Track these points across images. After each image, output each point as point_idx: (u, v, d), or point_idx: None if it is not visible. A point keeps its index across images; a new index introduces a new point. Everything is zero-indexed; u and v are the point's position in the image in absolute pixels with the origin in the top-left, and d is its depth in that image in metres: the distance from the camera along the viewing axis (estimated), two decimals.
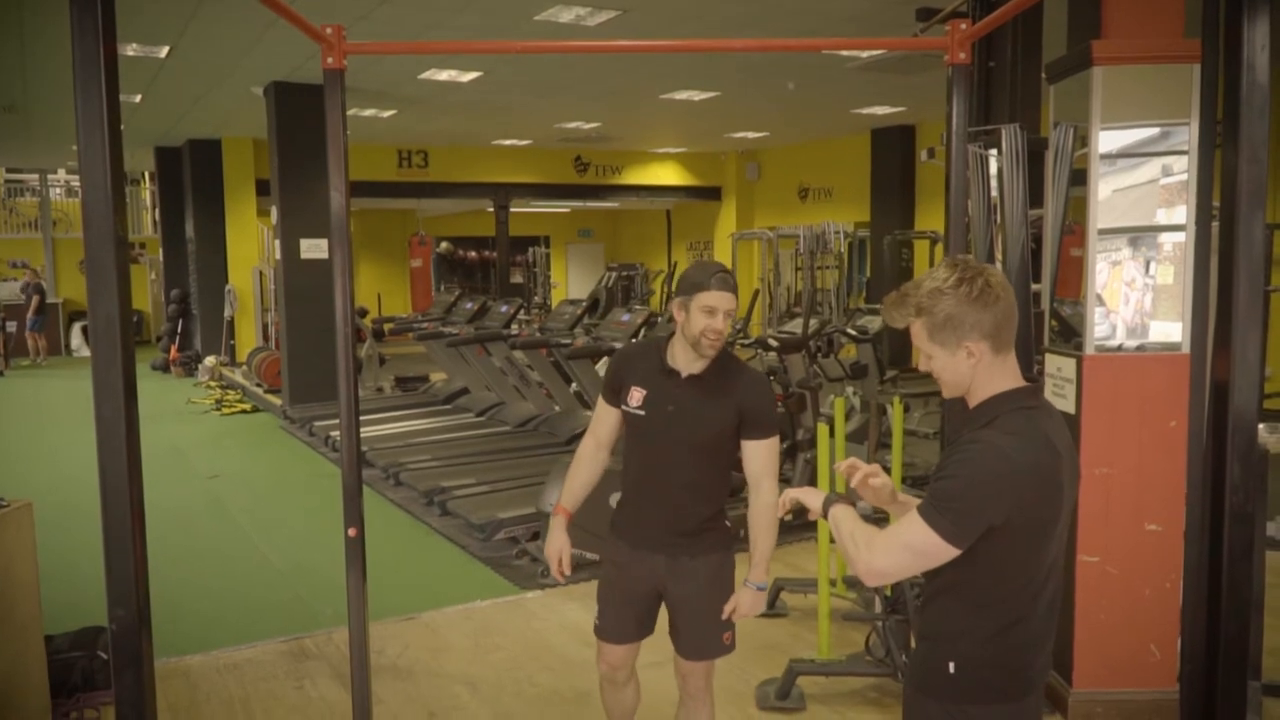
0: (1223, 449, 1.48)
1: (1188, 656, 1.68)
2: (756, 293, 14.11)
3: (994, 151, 4.29)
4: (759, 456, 2.75)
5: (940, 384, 1.92)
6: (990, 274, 1.83)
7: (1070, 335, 3.81)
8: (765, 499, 2.75)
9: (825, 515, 1.95)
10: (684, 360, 2.73)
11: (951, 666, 1.87)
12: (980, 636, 1.85)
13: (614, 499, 3.04)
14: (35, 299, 17.41)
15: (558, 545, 2.88)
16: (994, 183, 4.32)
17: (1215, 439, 1.51)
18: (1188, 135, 3.37)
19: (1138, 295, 3.55)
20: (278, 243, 11.61)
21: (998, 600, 1.83)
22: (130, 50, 8.91)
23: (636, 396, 2.75)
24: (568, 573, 2.87)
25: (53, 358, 18.44)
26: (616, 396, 2.83)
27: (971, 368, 1.84)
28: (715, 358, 2.71)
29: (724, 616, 2.80)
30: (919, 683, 1.93)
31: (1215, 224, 1.60)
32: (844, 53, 9.45)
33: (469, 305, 10.68)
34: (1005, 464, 1.73)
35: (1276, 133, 1.81)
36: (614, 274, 17.29)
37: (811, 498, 2.02)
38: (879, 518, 4.73)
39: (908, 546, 1.77)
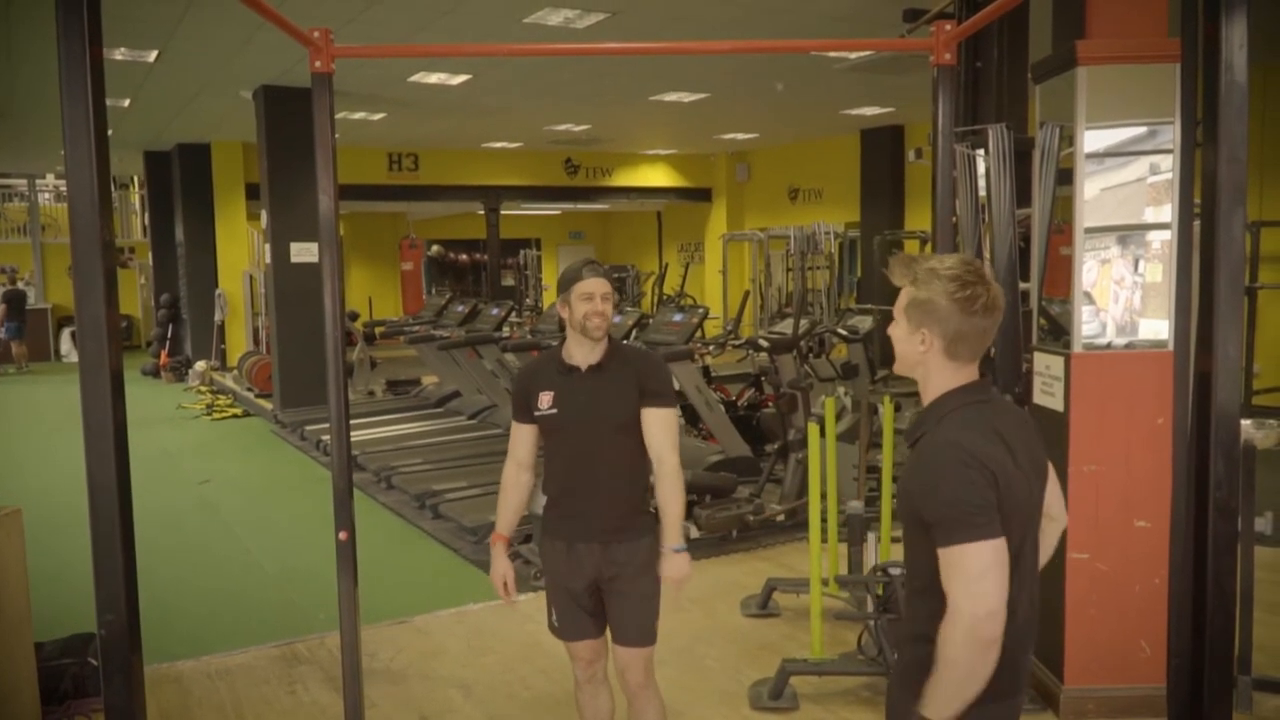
0: (1206, 444, 1.50)
1: (1174, 651, 1.69)
2: (747, 294, 14.13)
3: (981, 151, 4.31)
4: (657, 424, 2.84)
5: (897, 356, 1.96)
6: (991, 292, 1.84)
7: (1059, 334, 3.83)
8: (669, 469, 2.83)
9: (939, 716, 1.78)
10: (580, 355, 2.86)
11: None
12: None
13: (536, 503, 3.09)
14: (2, 307, 17.25)
15: (501, 570, 2.98)
16: (981, 182, 4.34)
17: (1198, 434, 1.52)
18: (1172, 134, 3.39)
19: (1127, 293, 3.57)
20: (268, 246, 11.58)
21: None
22: (118, 54, 8.89)
23: (545, 400, 2.86)
24: (514, 595, 2.99)
25: (41, 363, 18.37)
26: (528, 411, 2.92)
27: (920, 355, 1.87)
28: (609, 348, 2.87)
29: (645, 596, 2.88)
30: (909, 683, 1.87)
31: (1197, 222, 1.61)
32: (832, 54, 9.48)
33: (460, 308, 10.68)
34: (965, 454, 1.76)
35: (1257, 132, 1.83)
36: None
37: None
38: (870, 516, 4.74)
39: (979, 575, 1.70)
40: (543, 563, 3.06)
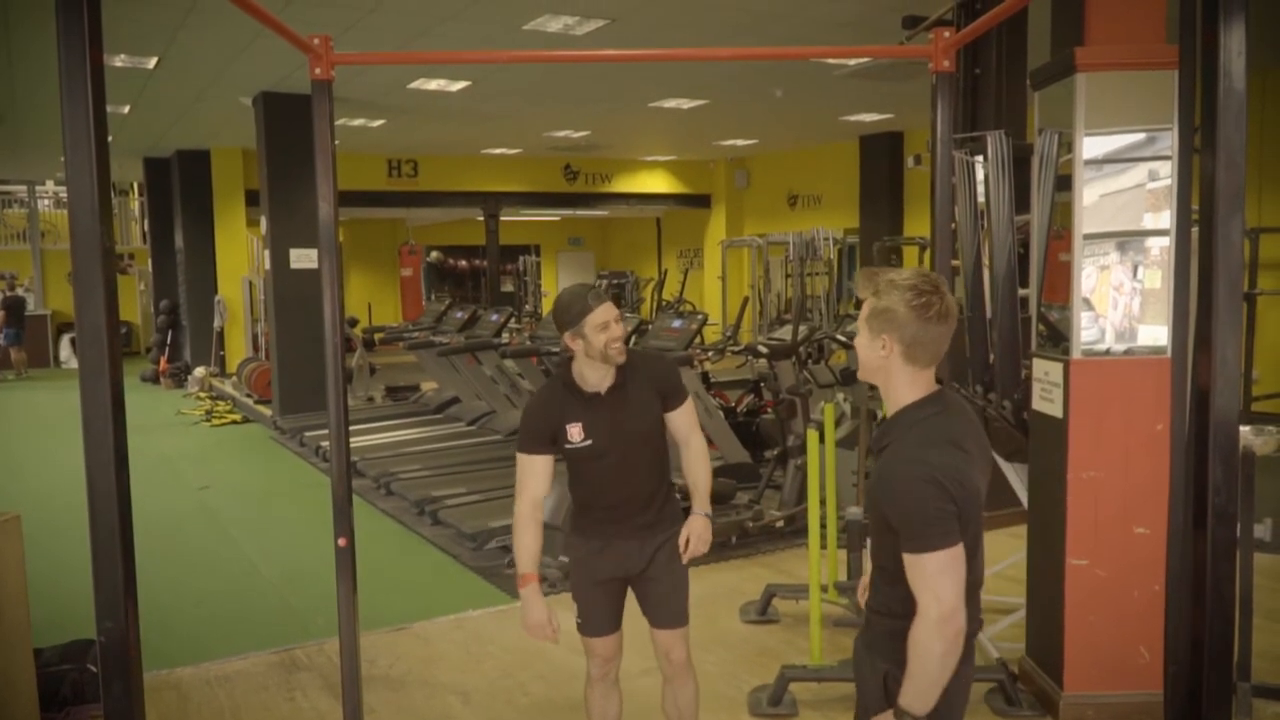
0: (1205, 451, 1.50)
1: (1172, 657, 1.69)
2: (746, 300, 14.13)
3: (980, 158, 4.32)
4: (681, 420, 3.01)
5: (859, 364, 2.12)
6: (945, 301, 1.98)
7: (1058, 340, 3.83)
8: (696, 448, 3.02)
9: (912, 710, 1.96)
10: (595, 379, 2.85)
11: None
12: None
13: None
14: (0, 313, 17.27)
15: (541, 614, 2.87)
16: (980, 189, 4.35)
17: (1197, 441, 1.53)
18: (1171, 140, 3.40)
19: (1126, 299, 3.57)
20: (267, 253, 11.59)
21: None
22: (118, 61, 8.90)
23: (575, 432, 2.84)
24: (558, 632, 2.92)
25: (41, 369, 18.36)
26: (550, 443, 2.87)
27: (881, 360, 2.02)
28: (620, 371, 2.87)
29: (680, 547, 2.96)
30: (884, 652, 2.07)
31: (1196, 229, 1.62)
32: (831, 60, 9.49)
33: (459, 314, 10.67)
34: (927, 469, 1.92)
35: (1256, 138, 1.84)
36: (604, 282, 17.32)
37: None
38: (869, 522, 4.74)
39: (935, 574, 1.90)
40: (572, 560, 3.07)
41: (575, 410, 2.84)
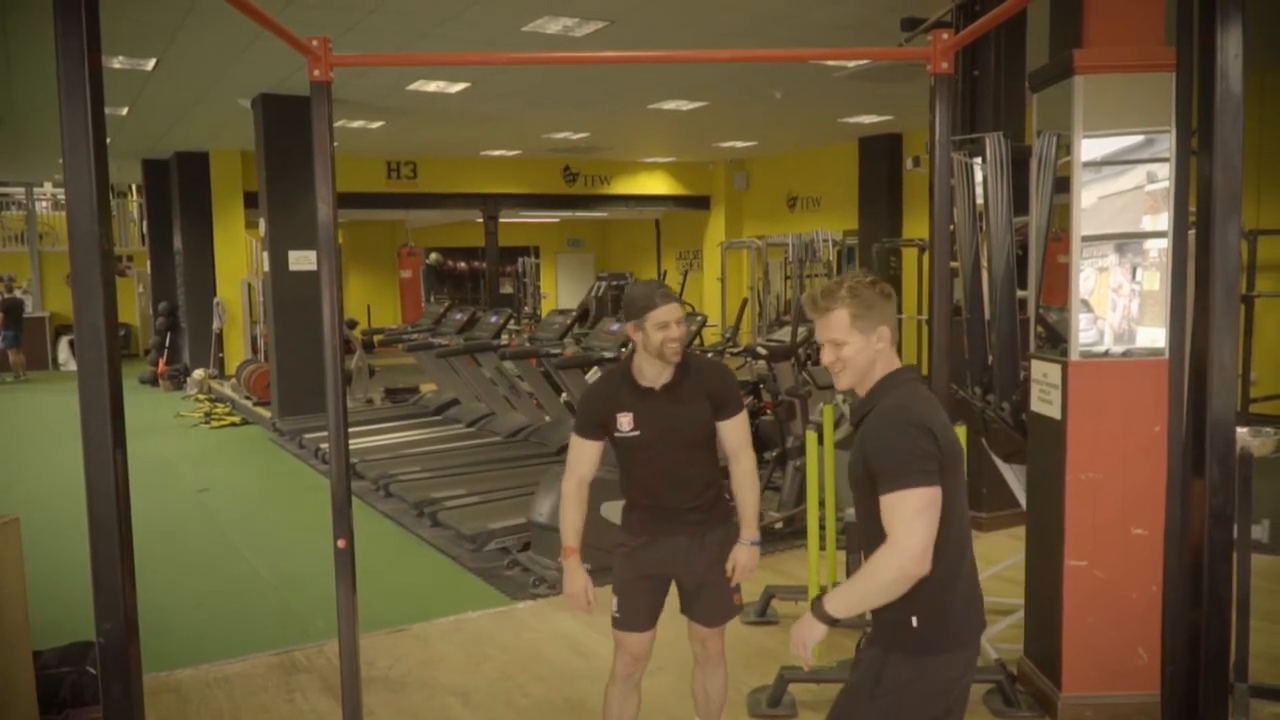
0: (1202, 452, 1.50)
1: (1169, 658, 1.69)
2: (745, 301, 14.13)
3: (979, 160, 4.32)
4: (734, 432, 3.03)
5: (845, 372, 2.21)
6: (885, 284, 2.21)
7: (1056, 341, 3.84)
8: (746, 466, 3.08)
9: (831, 619, 2.12)
10: (652, 374, 2.94)
11: (915, 620, 2.08)
12: (934, 589, 2.06)
13: (604, 508, 3.07)
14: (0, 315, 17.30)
15: (581, 583, 2.98)
16: (979, 190, 4.35)
17: (1194, 442, 1.53)
18: (1169, 142, 3.40)
19: (1124, 301, 3.58)
20: (266, 255, 11.59)
21: (941, 550, 2.03)
22: (117, 63, 8.90)
23: (625, 421, 2.94)
24: (595, 603, 2.99)
25: (39, 371, 18.35)
26: (601, 429, 2.99)
27: (876, 352, 2.16)
28: (678, 369, 2.95)
29: (727, 573, 3.04)
30: (886, 642, 2.13)
31: (1193, 231, 1.62)
32: (830, 62, 9.50)
33: (458, 316, 10.68)
34: (915, 414, 2.05)
35: (1254, 139, 1.84)
36: (604, 284, 17.29)
37: (811, 630, 2.17)
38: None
39: (913, 513, 1.96)
40: (619, 553, 3.10)
41: (629, 401, 2.94)
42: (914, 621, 2.09)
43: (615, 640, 3.10)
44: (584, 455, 3.00)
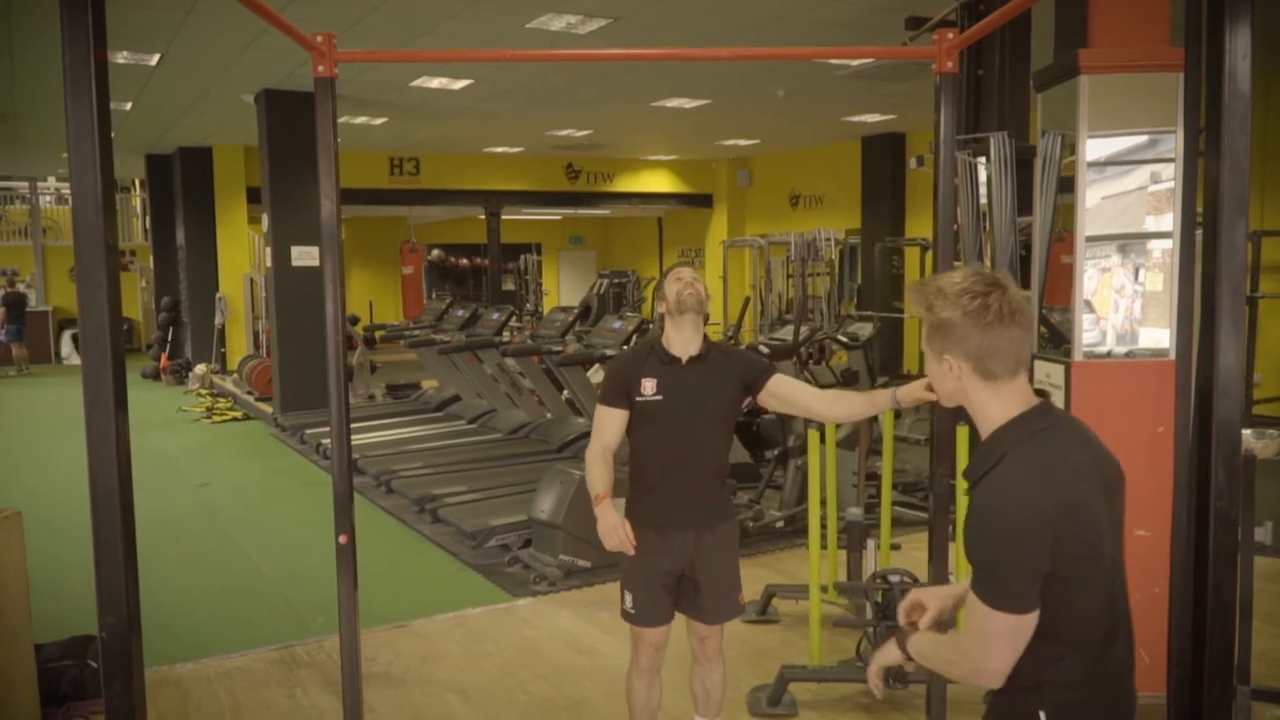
0: (1207, 453, 1.50)
1: (1174, 661, 1.69)
2: (748, 300, 14.12)
3: (983, 159, 4.32)
4: (786, 384, 3.05)
5: (938, 394, 1.84)
6: (1007, 297, 1.69)
7: (1059, 342, 3.84)
8: (829, 395, 3.11)
9: (911, 655, 1.85)
10: (680, 346, 3.03)
11: (1042, 716, 1.73)
12: (1069, 678, 1.71)
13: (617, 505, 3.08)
14: (1, 310, 17.30)
15: (614, 520, 2.88)
16: (983, 190, 4.35)
17: (1200, 444, 1.53)
18: (1174, 143, 3.40)
19: (1127, 302, 3.57)
20: (269, 250, 11.59)
21: (1074, 633, 1.71)
22: (121, 58, 8.90)
23: (649, 386, 3.00)
24: (634, 540, 2.89)
25: (42, 365, 18.37)
26: (625, 397, 3.03)
27: (956, 384, 1.74)
28: (706, 343, 3.05)
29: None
30: None
31: (1199, 231, 1.62)
32: (833, 61, 9.49)
33: (460, 312, 10.67)
34: (1028, 509, 1.63)
35: (1259, 143, 1.84)
36: (606, 281, 17.31)
37: (889, 656, 1.91)
38: (869, 523, 4.74)
39: (994, 635, 1.66)
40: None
41: (654, 369, 3.02)
42: (1041, 717, 1.73)
43: (633, 635, 3.12)
44: (609, 423, 3.04)
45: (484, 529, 6.14)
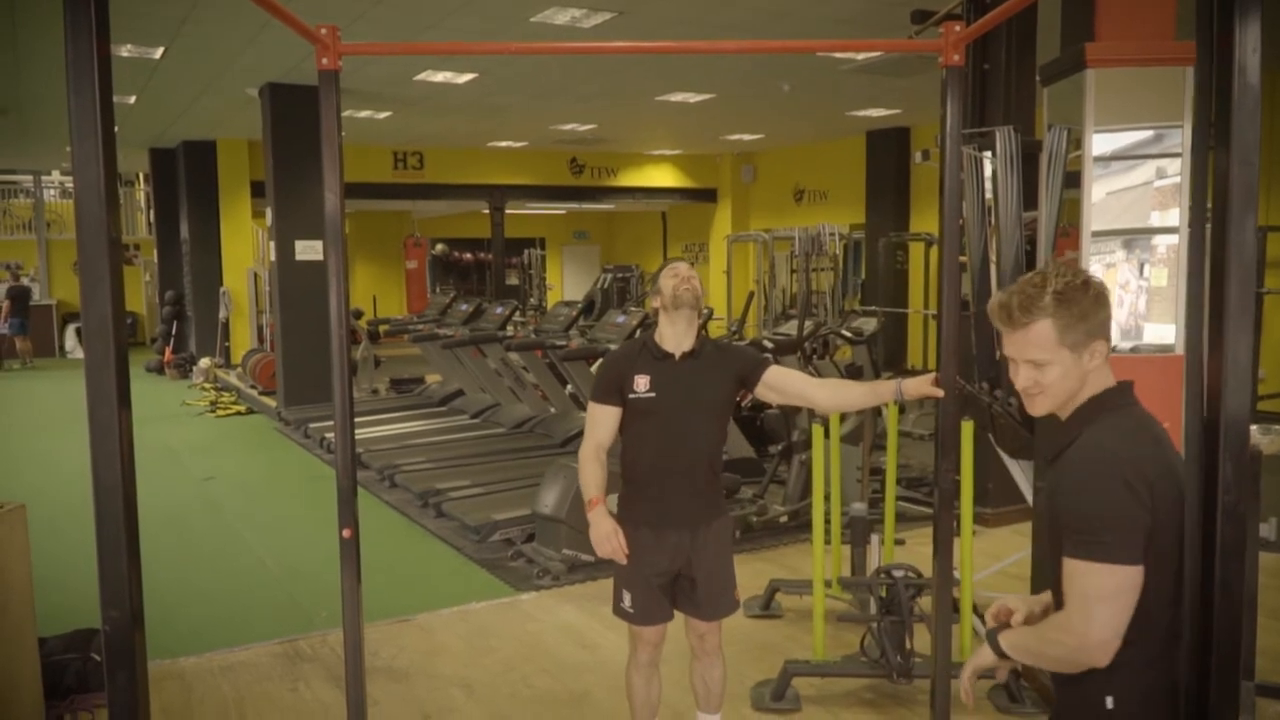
0: (1215, 449, 1.49)
1: (1183, 656, 1.68)
2: (751, 295, 14.11)
3: (989, 154, 4.31)
4: (780, 375, 3.05)
5: (1042, 398, 1.80)
6: (1092, 277, 1.81)
7: None
8: (829, 384, 3.17)
9: (1005, 653, 1.80)
10: (673, 341, 3.01)
11: (1110, 701, 1.71)
12: (1140, 661, 1.69)
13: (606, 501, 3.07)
14: (6, 303, 17.35)
15: (607, 528, 2.93)
16: (989, 185, 4.34)
17: (1207, 439, 1.52)
18: (1180, 138, 3.39)
19: (1132, 297, 3.56)
20: (273, 244, 11.60)
21: (1150, 613, 1.67)
22: (124, 51, 8.90)
23: (642, 383, 2.98)
24: (627, 550, 2.94)
25: (46, 359, 18.41)
26: (618, 394, 3.01)
27: (1089, 370, 1.77)
28: (699, 340, 3.03)
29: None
30: None
31: (1208, 226, 1.61)
32: (839, 55, 9.47)
33: (464, 307, 10.68)
34: (1126, 462, 1.66)
35: (1266, 139, 1.82)
36: (609, 276, 17.29)
37: (983, 658, 1.84)
38: (873, 518, 4.73)
39: (1097, 597, 1.62)
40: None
41: (647, 365, 3.00)
42: (1108, 703, 1.71)
43: (632, 632, 3.13)
44: (601, 421, 3.03)
45: (487, 523, 6.14)
